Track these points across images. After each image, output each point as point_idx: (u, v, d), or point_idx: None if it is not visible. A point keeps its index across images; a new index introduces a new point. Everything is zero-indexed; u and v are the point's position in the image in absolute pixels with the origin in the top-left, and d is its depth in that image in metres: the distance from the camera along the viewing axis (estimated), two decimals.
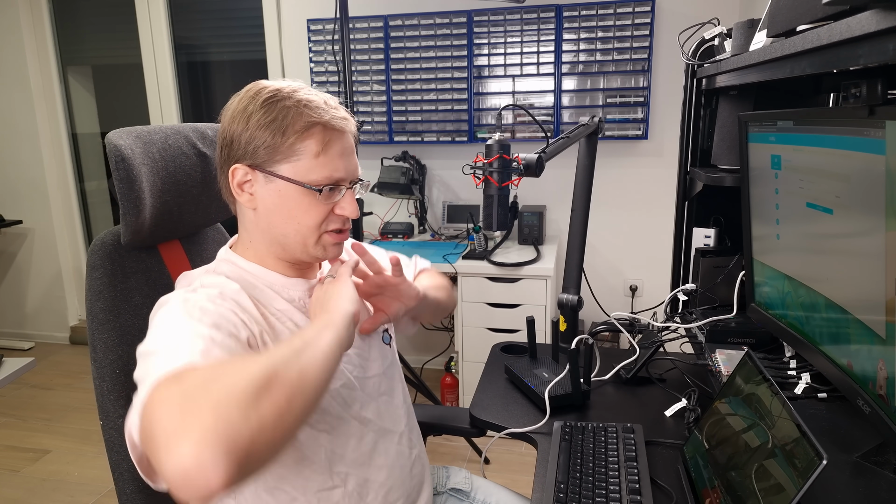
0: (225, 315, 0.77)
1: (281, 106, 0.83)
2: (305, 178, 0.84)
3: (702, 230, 1.60)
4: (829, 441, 1.00)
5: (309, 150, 0.84)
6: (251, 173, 0.86)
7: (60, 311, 3.78)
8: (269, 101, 0.84)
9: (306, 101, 0.84)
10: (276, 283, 0.90)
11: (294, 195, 0.85)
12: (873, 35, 0.70)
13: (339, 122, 0.86)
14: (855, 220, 0.89)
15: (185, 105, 3.51)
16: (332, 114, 0.85)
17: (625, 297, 3.03)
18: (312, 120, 0.83)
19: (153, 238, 1.00)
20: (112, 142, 0.89)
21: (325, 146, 0.84)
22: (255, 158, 0.84)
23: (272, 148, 0.83)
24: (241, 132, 0.84)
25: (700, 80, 1.59)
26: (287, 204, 0.86)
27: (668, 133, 2.80)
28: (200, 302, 0.76)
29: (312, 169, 0.84)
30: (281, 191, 0.85)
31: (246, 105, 0.85)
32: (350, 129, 0.89)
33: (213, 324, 0.73)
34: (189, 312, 0.74)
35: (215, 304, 0.77)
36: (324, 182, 0.85)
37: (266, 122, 0.83)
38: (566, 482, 0.94)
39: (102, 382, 0.92)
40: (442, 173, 3.09)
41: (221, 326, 0.74)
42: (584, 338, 1.24)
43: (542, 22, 2.75)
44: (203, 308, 0.75)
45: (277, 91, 0.85)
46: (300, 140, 0.83)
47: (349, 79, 2.00)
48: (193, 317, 0.73)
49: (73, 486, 2.34)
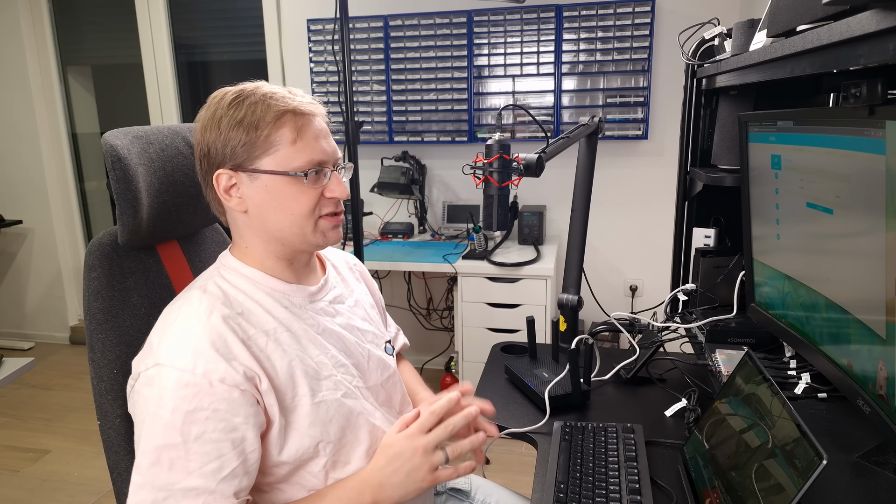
0: (218, 412, 0.77)
1: (248, 103, 0.84)
2: (289, 167, 0.85)
3: (702, 230, 1.60)
4: (829, 441, 1.00)
5: (285, 139, 0.84)
6: (235, 176, 0.86)
7: (60, 311, 3.78)
8: (234, 101, 0.85)
9: (270, 93, 0.85)
10: (277, 290, 0.90)
11: (281, 186, 0.85)
12: (873, 35, 0.70)
13: (306, 106, 0.87)
14: (855, 220, 0.89)
15: (184, 105, 3.51)
16: (298, 100, 0.86)
17: (625, 297, 3.03)
18: (281, 109, 0.84)
19: (151, 238, 1.00)
20: (108, 142, 0.89)
21: (300, 131, 0.85)
22: (235, 159, 0.85)
23: (249, 144, 0.84)
24: (214, 138, 0.85)
25: (700, 80, 1.59)
26: (276, 197, 0.86)
27: (668, 133, 2.80)
28: (195, 414, 0.76)
29: (293, 156, 0.85)
30: (267, 185, 0.85)
31: (213, 112, 0.86)
32: (319, 112, 0.89)
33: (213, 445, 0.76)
34: (186, 430, 0.75)
35: (209, 401, 0.76)
36: (307, 166, 0.85)
37: (237, 121, 0.84)
38: (566, 482, 0.94)
39: (100, 382, 0.92)
40: (442, 173, 3.09)
41: (220, 437, 0.76)
42: (584, 338, 1.24)
43: (542, 22, 2.75)
44: (200, 429, 0.75)
45: (241, 91, 0.86)
46: (274, 130, 0.84)
47: (349, 79, 1.99)
48: (189, 442, 0.75)
49: (72, 486, 2.34)
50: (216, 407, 0.76)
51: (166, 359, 0.78)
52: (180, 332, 0.80)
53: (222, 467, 0.76)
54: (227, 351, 0.79)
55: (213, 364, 0.77)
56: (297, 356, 0.86)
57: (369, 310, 1.07)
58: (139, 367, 0.80)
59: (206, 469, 0.75)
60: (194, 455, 0.75)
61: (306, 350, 0.87)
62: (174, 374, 0.76)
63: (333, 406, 0.87)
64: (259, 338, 0.84)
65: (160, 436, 0.75)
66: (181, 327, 0.81)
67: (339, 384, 0.89)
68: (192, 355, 0.77)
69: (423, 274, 3.16)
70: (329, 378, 0.88)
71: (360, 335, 0.98)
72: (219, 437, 0.76)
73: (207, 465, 0.75)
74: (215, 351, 0.78)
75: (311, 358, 0.87)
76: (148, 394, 0.77)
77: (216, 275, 0.90)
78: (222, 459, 0.76)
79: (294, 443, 0.83)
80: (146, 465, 0.75)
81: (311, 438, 0.84)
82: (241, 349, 0.80)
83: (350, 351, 0.94)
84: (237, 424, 0.77)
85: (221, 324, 0.81)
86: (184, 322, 0.81)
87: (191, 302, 0.84)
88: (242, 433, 0.78)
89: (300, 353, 0.86)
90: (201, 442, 0.75)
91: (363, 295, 1.09)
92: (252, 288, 0.89)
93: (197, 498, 0.74)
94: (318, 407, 0.85)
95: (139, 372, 0.80)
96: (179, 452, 0.74)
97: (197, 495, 0.74)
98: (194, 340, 0.79)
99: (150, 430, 0.76)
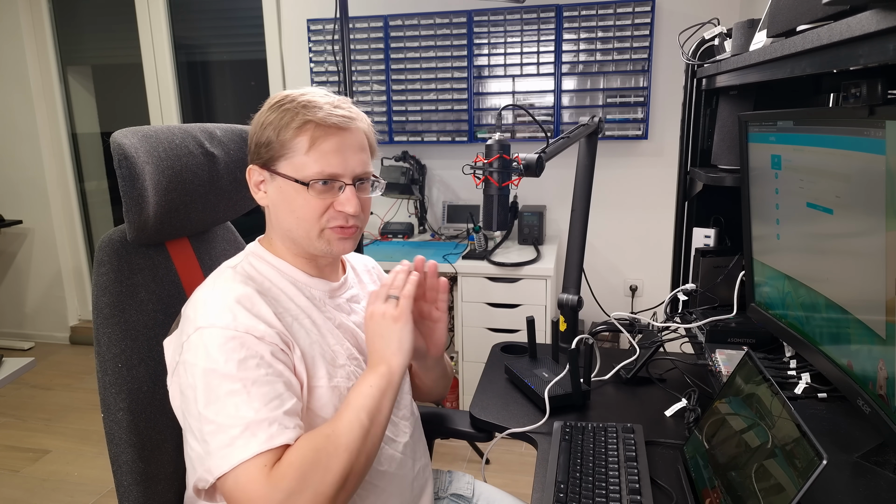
0: (263, 356, 0.81)
1: (284, 108, 0.89)
2: (299, 174, 0.88)
3: (702, 230, 1.60)
4: (829, 441, 1.00)
5: (300, 147, 0.88)
6: (262, 172, 0.92)
7: (60, 311, 3.78)
8: (276, 104, 0.90)
9: (307, 102, 0.89)
10: (300, 280, 0.95)
11: (290, 190, 0.89)
12: (873, 35, 0.70)
13: (334, 119, 0.88)
14: (855, 220, 0.89)
15: (185, 105, 3.51)
16: (327, 111, 0.88)
17: (625, 297, 3.03)
18: (306, 118, 0.88)
19: (160, 235, 1.01)
20: (116, 140, 0.91)
21: (316, 142, 0.88)
22: (261, 158, 0.91)
23: (272, 146, 0.89)
24: (253, 134, 0.92)
25: (700, 80, 1.59)
26: (285, 199, 0.90)
27: (668, 133, 2.80)
28: (241, 356, 0.79)
29: (305, 164, 0.88)
30: (281, 187, 0.90)
31: (261, 111, 0.92)
32: (353, 127, 0.91)
33: (265, 380, 0.79)
34: (242, 376, 0.78)
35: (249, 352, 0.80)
36: (315, 177, 0.88)
37: (269, 123, 0.89)
38: (566, 482, 0.94)
39: (105, 376, 0.94)
40: (442, 173, 3.09)
41: (269, 377, 0.80)
42: (584, 338, 1.24)
43: (542, 22, 2.75)
44: (250, 371, 0.79)
45: (287, 96, 0.91)
46: (294, 137, 0.88)
47: (349, 79, 1.99)
48: (248, 385, 0.78)
49: (73, 486, 2.34)
50: (262, 354, 0.80)
51: (205, 321, 0.81)
52: (216, 298, 0.84)
53: (283, 403, 0.79)
54: (262, 315, 0.84)
55: (253, 322, 0.82)
56: (317, 341, 0.90)
57: None
58: (181, 338, 0.83)
59: (270, 405, 0.78)
60: (255, 395, 0.78)
61: (325, 338, 0.92)
62: (217, 331, 0.80)
63: (346, 394, 0.89)
64: (285, 315, 0.88)
65: (220, 386, 0.78)
66: (216, 294, 0.85)
67: (352, 375, 0.93)
68: (231, 315, 0.81)
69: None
70: (343, 367, 0.92)
71: None
72: (272, 380, 0.80)
73: (270, 402, 0.78)
74: (252, 314, 0.83)
75: (329, 346, 0.92)
76: (194, 358, 0.80)
77: (244, 260, 0.94)
78: (281, 398, 0.79)
79: (310, 422, 0.86)
80: (213, 413, 0.77)
81: (321, 419, 0.88)
82: (273, 318, 0.85)
83: (362, 348, 0.98)
84: (282, 371, 0.82)
85: (255, 294, 0.85)
86: (218, 291, 0.86)
87: (224, 277, 0.89)
88: (288, 378, 0.82)
89: (319, 338, 0.91)
90: (259, 384, 0.78)
91: None
92: (277, 276, 0.93)
93: (270, 426, 0.77)
94: (332, 391, 0.89)
95: (181, 343, 0.82)
96: (242, 396, 0.77)
97: (269, 424, 0.77)
98: (231, 305, 0.82)
99: (208, 385, 0.78)
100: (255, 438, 0.75)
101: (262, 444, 0.75)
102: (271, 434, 0.76)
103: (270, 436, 0.76)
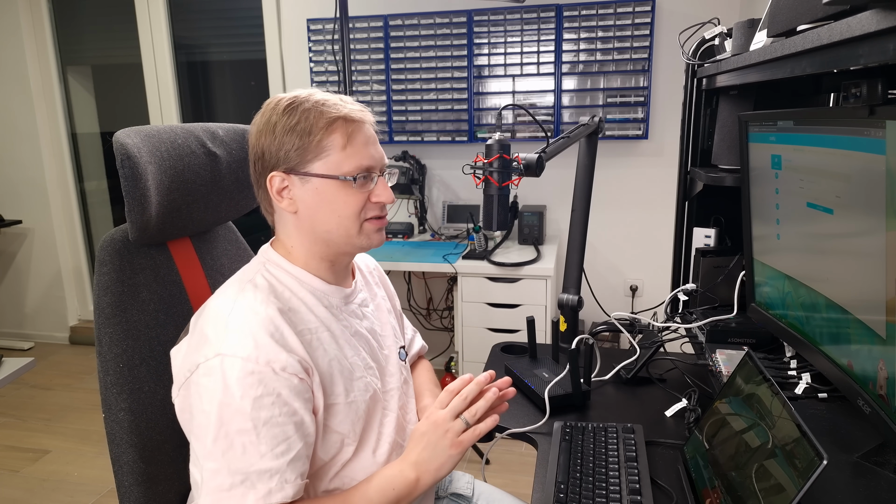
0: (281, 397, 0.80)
1: (301, 109, 0.88)
2: (339, 171, 0.88)
3: (702, 230, 1.60)
4: (829, 441, 1.00)
5: (336, 144, 0.88)
6: (287, 178, 0.89)
7: (60, 311, 3.78)
8: (288, 107, 0.88)
9: (323, 101, 0.89)
10: (319, 289, 0.93)
11: (331, 190, 0.88)
12: (873, 35, 0.70)
13: (357, 113, 0.90)
14: (855, 220, 0.89)
15: (185, 105, 3.51)
16: (349, 107, 0.89)
17: (625, 297, 3.03)
18: (333, 115, 0.88)
19: (162, 235, 1.01)
20: (119, 140, 0.91)
21: (350, 137, 0.88)
22: (288, 163, 0.88)
23: (301, 149, 0.87)
24: (269, 143, 0.89)
25: (700, 80, 1.59)
26: (326, 199, 0.89)
27: (669, 133, 2.80)
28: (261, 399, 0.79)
29: (343, 161, 0.88)
30: (318, 188, 0.89)
31: (268, 117, 0.89)
32: (368, 120, 0.92)
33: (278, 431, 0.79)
34: (255, 416, 0.78)
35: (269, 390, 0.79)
36: (355, 171, 0.88)
37: (291, 127, 0.87)
38: (566, 482, 0.94)
39: (106, 376, 0.94)
40: (442, 173, 3.09)
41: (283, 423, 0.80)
42: (584, 338, 1.24)
43: (542, 22, 2.75)
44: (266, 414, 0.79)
45: (295, 98, 0.90)
46: (326, 136, 0.87)
47: (349, 79, 1.99)
48: (259, 426, 0.78)
49: (72, 486, 2.34)
50: (279, 392, 0.79)
51: (228, 349, 0.80)
52: (240, 324, 0.82)
53: (290, 449, 0.79)
54: (285, 342, 0.82)
55: (275, 353, 0.80)
56: (336, 356, 0.89)
57: (387, 315, 1.10)
58: (197, 358, 0.82)
59: (276, 451, 0.78)
60: (264, 438, 0.78)
61: (343, 350, 0.91)
62: (238, 363, 0.79)
63: (362, 408, 0.91)
64: (306, 334, 0.87)
65: (231, 421, 0.78)
66: (240, 319, 0.83)
67: (368, 386, 0.93)
68: (254, 345, 0.80)
69: (423, 274, 3.16)
70: (360, 379, 0.92)
71: (380, 340, 1.02)
72: (284, 421, 0.79)
73: (277, 447, 0.78)
74: (275, 342, 0.81)
75: (347, 359, 0.91)
76: (211, 384, 0.79)
77: (262, 269, 0.92)
78: (289, 442, 0.79)
79: (327, 438, 0.87)
80: (220, 451, 0.78)
81: (338, 435, 0.88)
82: (295, 341, 0.84)
83: (376, 356, 0.98)
84: (297, 409, 0.81)
85: (278, 316, 0.84)
86: (242, 314, 0.84)
87: (245, 294, 0.86)
88: (302, 416, 0.82)
89: (338, 353, 0.90)
90: (269, 426, 0.78)
91: (382, 300, 1.12)
92: (297, 285, 0.92)
93: (271, 479, 0.77)
94: (349, 406, 0.89)
95: (197, 363, 0.81)
96: (251, 437, 0.77)
97: (271, 476, 0.78)
98: (254, 331, 0.81)
99: (220, 418, 0.78)
100: (253, 491, 0.77)
101: (258, 500, 0.76)
102: (270, 489, 0.77)
103: (269, 491, 0.77)
